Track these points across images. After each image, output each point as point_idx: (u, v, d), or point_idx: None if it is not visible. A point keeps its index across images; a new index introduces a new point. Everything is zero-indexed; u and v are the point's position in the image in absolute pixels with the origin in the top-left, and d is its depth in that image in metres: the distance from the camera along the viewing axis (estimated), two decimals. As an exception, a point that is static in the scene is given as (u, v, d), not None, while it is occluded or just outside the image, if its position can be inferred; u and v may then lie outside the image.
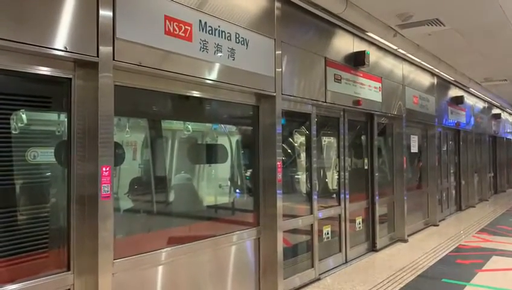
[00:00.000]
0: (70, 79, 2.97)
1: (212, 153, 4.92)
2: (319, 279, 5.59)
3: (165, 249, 3.69)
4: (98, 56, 2.98)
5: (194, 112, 4.41)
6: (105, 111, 3.02)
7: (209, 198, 4.84)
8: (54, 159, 3.00)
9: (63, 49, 2.79)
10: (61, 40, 2.78)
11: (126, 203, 3.88)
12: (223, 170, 5.01)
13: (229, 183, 5.06)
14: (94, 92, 2.99)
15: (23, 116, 2.86)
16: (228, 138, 5.01)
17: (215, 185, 4.96)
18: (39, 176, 2.97)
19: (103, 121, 2.99)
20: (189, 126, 4.52)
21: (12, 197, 2.77)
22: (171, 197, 4.33)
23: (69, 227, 2.94)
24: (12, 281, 2.67)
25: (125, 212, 3.84)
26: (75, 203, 2.97)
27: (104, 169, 2.98)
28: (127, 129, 3.90)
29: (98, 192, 2.95)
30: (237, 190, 5.12)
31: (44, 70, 2.83)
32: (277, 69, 4.77)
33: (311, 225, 5.61)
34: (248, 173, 5.07)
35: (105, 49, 3.01)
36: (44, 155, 2.95)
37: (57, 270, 2.89)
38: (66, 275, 2.90)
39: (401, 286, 5.32)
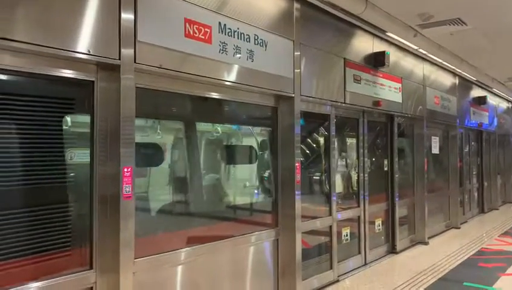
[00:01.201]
0: (93, 81, 3.03)
1: (242, 154, 4.96)
2: (337, 281, 5.57)
3: (186, 249, 3.73)
4: (120, 59, 3.04)
5: (213, 114, 4.46)
6: (127, 113, 3.07)
7: (230, 199, 4.87)
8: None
9: (86, 52, 2.86)
10: (84, 43, 2.85)
11: (150, 203, 3.95)
12: (242, 171, 5.04)
13: (248, 184, 5.08)
14: (116, 94, 3.05)
15: (68, 118, 2.99)
16: (256, 140, 5.04)
17: (236, 186, 4.99)
18: (66, 176, 3.02)
19: (125, 122, 3.05)
20: (219, 128, 4.58)
21: (39, 196, 2.84)
22: (195, 197, 4.38)
23: (91, 226, 3.01)
24: (43, 277, 2.75)
25: (148, 212, 3.91)
26: (98, 203, 3.04)
27: (125, 170, 3.04)
28: (159, 131, 3.98)
29: (120, 192, 3.00)
30: (256, 191, 5.14)
31: (68, 73, 2.90)
32: (296, 70, 4.77)
33: (330, 227, 5.59)
34: (266, 174, 5.09)
35: (127, 52, 3.07)
36: (79, 156, 3.03)
37: (80, 269, 2.95)
38: (88, 273, 2.97)
39: (422, 289, 5.26)
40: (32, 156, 2.80)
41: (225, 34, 3.89)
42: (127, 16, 3.08)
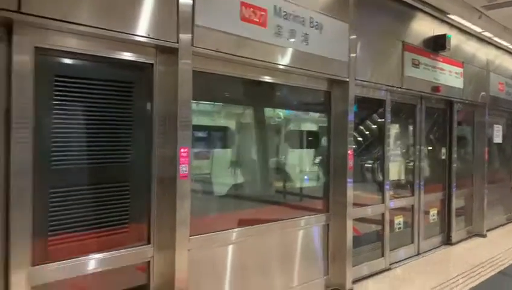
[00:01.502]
0: (152, 64, 3.14)
1: (300, 140, 5.01)
2: (389, 269, 5.48)
3: (238, 229, 3.82)
4: (178, 42, 3.11)
5: (266, 98, 4.48)
6: (185, 95, 3.16)
7: (284, 183, 4.89)
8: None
9: (146, 35, 2.95)
10: (144, 27, 2.94)
11: (210, 184, 4.08)
12: (296, 156, 5.04)
13: (302, 169, 5.08)
14: (174, 77, 3.14)
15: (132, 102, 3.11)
16: (310, 125, 5.02)
17: (289, 171, 5.00)
18: (128, 157, 3.15)
19: (182, 104, 3.14)
20: (280, 113, 4.62)
21: (105, 175, 3.00)
22: (251, 180, 4.46)
23: (150, 204, 3.15)
24: (108, 248, 2.93)
25: (207, 191, 4.03)
26: (156, 182, 3.16)
27: (182, 150, 3.13)
28: (221, 115, 4.08)
29: (177, 172, 3.11)
30: (309, 176, 5.13)
31: (129, 56, 3.02)
32: (351, 54, 4.67)
33: (382, 215, 5.50)
34: (318, 160, 5.08)
35: (184, 36, 3.14)
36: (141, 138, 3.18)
37: (139, 243, 3.10)
38: (146, 248, 3.12)
39: (478, 282, 5.06)
40: (97, 137, 2.94)
41: (280, 17, 3.87)
42: (185, 0, 3.14)
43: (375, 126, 5.74)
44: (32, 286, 2.46)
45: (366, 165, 5.75)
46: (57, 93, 2.73)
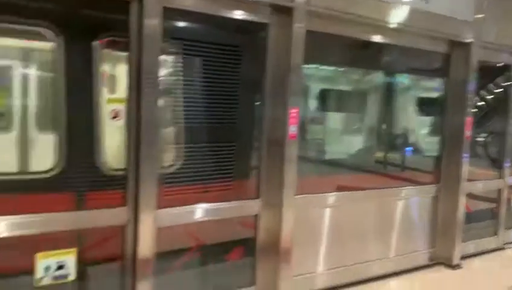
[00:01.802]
0: (267, 24, 3.15)
1: (422, 106, 4.86)
2: (502, 248, 5.13)
3: (345, 193, 3.85)
4: (293, 1, 3.08)
5: (379, 61, 4.31)
6: (297, 57, 3.14)
7: (393, 151, 4.77)
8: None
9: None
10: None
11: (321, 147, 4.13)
12: (406, 124, 4.84)
13: (413, 138, 4.87)
14: (287, 38, 3.12)
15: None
16: (432, 93, 4.84)
17: (400, 139, 4.84)
18: (241, 117, 3.27)
19: (295, 65, 3.14)
20: (394, 78, 4.49)
21: (220, 133, 3.17)
22: (359, 147, 4.41)
23: (260, 162, 3.25)
24: (220, 201, 3.10)
25: (318, 154, 4.10)
26: (267, 142, 3.25)
27: (292, 111, 3.16)
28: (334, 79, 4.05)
29: (286, 132, 3.16)
30: (420, 146, 4.92)
31: (245, 15, 3.04)
32: (476, 13, 4.26)
33: (499, 191, 5.10)
34: (430, 129, 4.81)
35: (299, -5, 3.10)
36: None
37: (250, 197, 3.25)
38: (255, 202, 3.24)
39: None
40: (213, 98, 3.08)
41: (399, -28, 3.65)
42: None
43: (491, 96, 5.27)
44: (158, 227, 2.72)
45: (477, 138, 5.33)
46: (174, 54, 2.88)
